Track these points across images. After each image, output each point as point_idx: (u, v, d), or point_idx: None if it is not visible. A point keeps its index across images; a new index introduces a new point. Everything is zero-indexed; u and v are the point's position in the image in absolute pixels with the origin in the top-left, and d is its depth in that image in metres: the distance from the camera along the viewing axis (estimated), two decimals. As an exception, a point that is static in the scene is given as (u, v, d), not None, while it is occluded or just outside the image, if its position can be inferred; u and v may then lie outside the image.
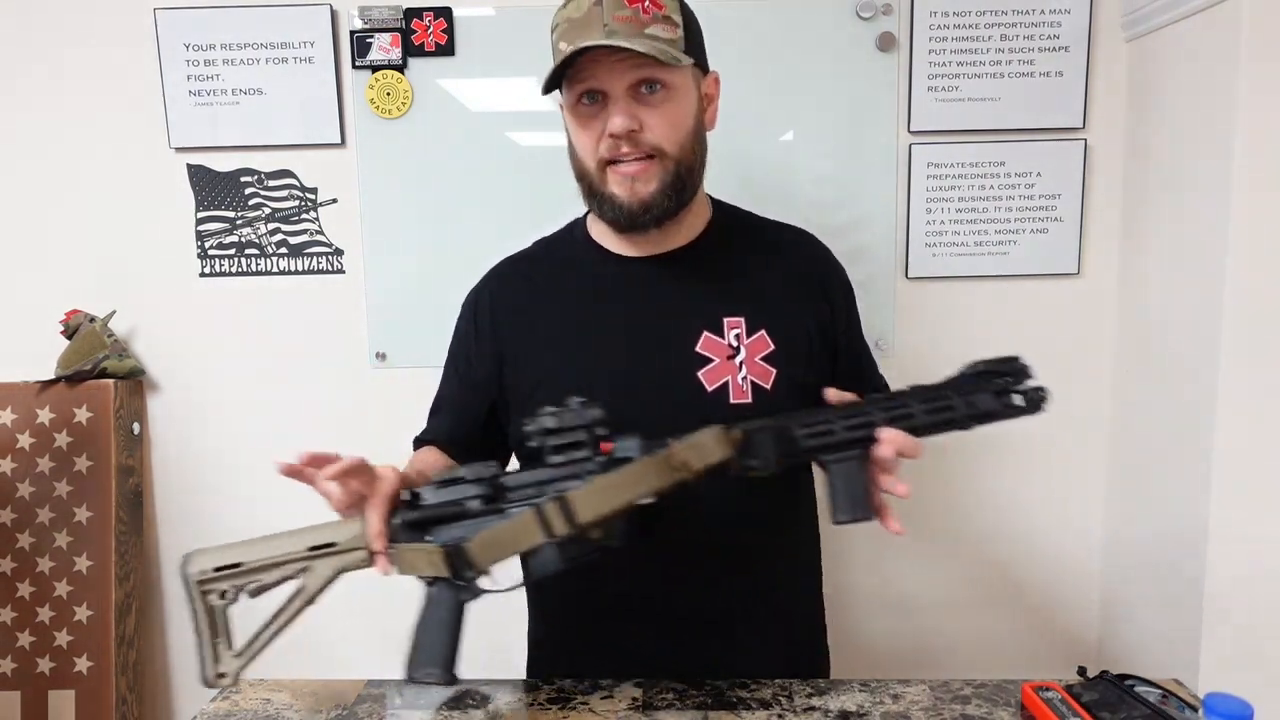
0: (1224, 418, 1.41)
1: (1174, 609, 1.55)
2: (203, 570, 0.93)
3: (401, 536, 0.95)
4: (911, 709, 0.99)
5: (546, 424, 0.94)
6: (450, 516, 0.95)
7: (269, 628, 0.94)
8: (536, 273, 1.16)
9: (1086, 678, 0.99)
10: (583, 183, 1.06)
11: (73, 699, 1.75)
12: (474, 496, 0.95)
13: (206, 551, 0.94)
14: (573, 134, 1.05)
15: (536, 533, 0.91)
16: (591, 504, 0.90)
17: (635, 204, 1.01)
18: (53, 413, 1.75)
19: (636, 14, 0.97)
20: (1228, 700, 0.78)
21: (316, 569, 0.93)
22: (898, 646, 1.87)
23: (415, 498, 0.97)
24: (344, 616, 1.85)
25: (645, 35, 0.97)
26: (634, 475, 0.90)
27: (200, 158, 1.75)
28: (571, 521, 0.90)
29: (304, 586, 0.94)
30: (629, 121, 0.98)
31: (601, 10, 0.97)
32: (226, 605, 0.94)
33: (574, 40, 0.98)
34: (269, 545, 0.94)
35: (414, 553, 0.94)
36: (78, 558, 1.75)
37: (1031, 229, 1.73)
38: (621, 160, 1.01)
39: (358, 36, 1.69)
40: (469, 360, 1.16)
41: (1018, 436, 1.80)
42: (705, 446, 0.91)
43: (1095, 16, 1.66)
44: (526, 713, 1.02)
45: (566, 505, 0.90)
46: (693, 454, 0.90)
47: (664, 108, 1.00)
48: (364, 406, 1.80)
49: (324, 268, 1.78)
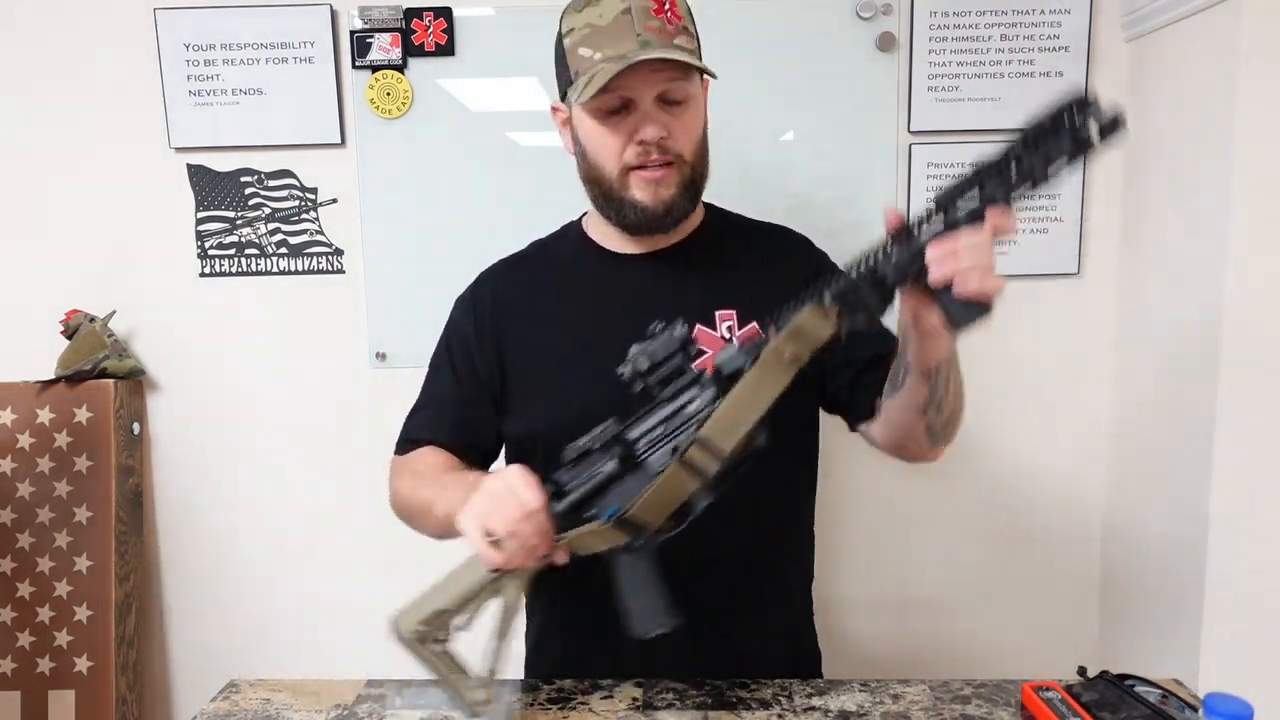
0: (1224, 418, 1.41)
1: (1174, 609, 1.55)
2: (414, 628, 0.95)
3: (563, 524, 0.95)
4: (911, 709, 0.99)
5: (640, 365, 0.92)
6: (596, 490, 0.95)
7: (495, 647, 0.96)
8: (535, 271, 1.18)
9: (1086, 678, 0.99)
10: (597, 186, 1.07)
11: (73, 699, 1.75)
12: (608, 461, 0.94)
13: (407, 610, 0.96)
14: (594, 138, 1.05)
15: (689, 480, 0.90)
16: (727, 432, 0.88)
17: (659, 207, 1.04)
18: (53, 413, 1.75)
19: (663, 25, 1.00)
20: (1228, 700, 0.78)
21: (507, 584, 0.95)
22: (897, 646, 1.87)
23: (556, 486, 0.96)
24: (344, 616, 1.86)
25: (675, 46, 1.00)
26: (755, 385, 0.88)
27: (200, 158, 1.75)
28: (718, 456, 0.89)
29: (504, 602, 0.95)
30: (660, 129, 1.01)
31: (632, 20, 0.99)
32: (445, 646, 0.96)
33: (602, 47, 0.99)
34: (456, 582, 0.96)
35: (586, 535, 0.94)
36: (78, 558, 1.75)
37: (1031, 229, 1.73)
38: (647, 166, 1.03)
39: (358, 36, 1.69)
40: (470, 356, 1.15)
41: (1018, 436, 1.81)
42: (809, 330, 0.87)
43: (1095, 16, 1.66)
44: (526, 713, 1.02)
45: (708, 444, 0.89)
46: (800, 343, 0.88)
47: (684, 116, 1.04)
48: (364, 406, 1.80)
49: (324, 268, 1.78)
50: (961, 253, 0.81)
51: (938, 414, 0.98)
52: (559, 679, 1.08)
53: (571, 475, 0.96)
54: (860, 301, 0.87)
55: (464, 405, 1.16)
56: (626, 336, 1.07)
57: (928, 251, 0.82)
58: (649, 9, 0.99)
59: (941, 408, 0.98)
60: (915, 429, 1.01)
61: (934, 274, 0.81)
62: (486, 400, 1.15)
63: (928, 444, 1.03)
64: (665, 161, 1.03)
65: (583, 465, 0.96)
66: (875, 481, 1.81)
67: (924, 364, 0.92)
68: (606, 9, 1.00)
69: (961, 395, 1.01)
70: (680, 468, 0.89)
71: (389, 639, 0.96)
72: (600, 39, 0.99)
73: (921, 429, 1.00)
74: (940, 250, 0.81)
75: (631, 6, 0.99)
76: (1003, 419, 1.80)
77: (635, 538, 0.93)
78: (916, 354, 0.91)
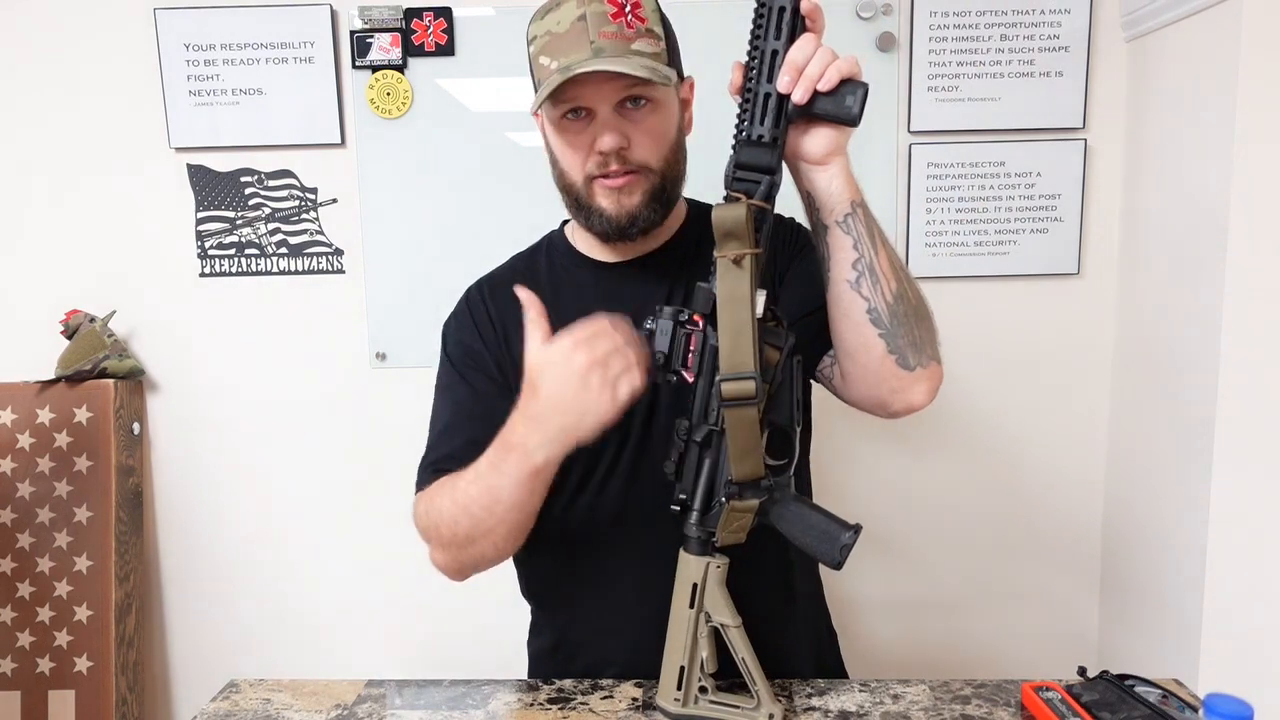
0: (1224, 418, 1.41)
1: (1174, 609, 1.55)
2: (674, 700, 0.95)
3: (710, 519, 0.94)
4: (911, 709, 0.99)
5: (659, 362, 0.92)
6: (710, 482, 0.94)
7: (742, 659, 0.95)
8: (526, 284, 1.16)
9: (1086, 678, 0.99)
10: (568, 195, 1.07)
11: (73, 699, 1.75)
12: (702, 453, 0.94)
13: (659, 690, 0.97)
14: (557, 150, 1.05)
15: (745, 413, 0.87)
16: (734, 351, 0.87)
17: (623, 216, 1.03)
18: (53, 413, 1.75)
19: (621, 29, 0.97)
20: (1228, 700, 0.78)
21: (711, 606, 0.95)
22: (897, 646, 1.87)
23: (682, 503, 0.96)
24: (344, 617, 1.86)
25: (632, 51, 0.97)
26: (728, 299, 0.87)
27: (200, 158, 1.75)
28: (747, 375, 0.86)
29: (721, 623, 0.94)
30: (618, 140, 0.99)
31: (587, 26, 0.96)
32: (711, 694, 0.96)
33: (558, 56, 0.97)
34: (676, 641, 0.95)
35: (730, 523, 0.92)
36: (78, 558, 1.75)
37: (1031, 229, 1.73)
38: (609, 175, 1.01)
39: (358, 36, 1.69)
40: (483, 367, 1.11)
41: (1018, 436, 1.81)
42: (727, 222, 0.86)
43: (1095, 16, 1.66)
44: (526, 713, 1.02)
45: (729, 375, 0.87)
46: (732, 240, 0.87)
47: (648, 122, 1.01)
48: (364, 406, 1.80)
49: (324, 268, 1.78)
50: (799, 62, 0.85)
51: (874, 284, 0.92)
52: (559, 679, 1.08)
53: (681, 488, 0.95)
54: (752, 167, 0.89)
55: (488, 419, 1.06)
56: None
57: (778, 83, 0.86)
58: (607, 14, 0.97)
59: (875, 272, 0.92)
60: (860, 327, 0.94)
61: (797, 94, 0.85)
62: (509, 405, 1.11)
63: (892, 363, 0.94)
64: (627, 170, 1.01)
65: (685, 470, 0.95)
66: (875, 483, 1.81)
67: (828, 202, 0.91)
68: (564, 16, 0.98)
69: (909, 282, 0.95)
70: (730, 410, 0.88)
71: (388, 639, 0.96)
72: (556, 47, 0.98)
73: (866, 324, 0.93)
74: (786, 74, 0.85)
75: (586, 13, 0.97)
76: (1002, 419, 1.80)
77: (758, 491, 0.91)
78: (821, 196, 0.91)
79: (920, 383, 0.96)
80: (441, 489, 1.01)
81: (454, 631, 1.82)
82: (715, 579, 0.93)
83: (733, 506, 0.92)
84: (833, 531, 0.91)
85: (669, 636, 0.96)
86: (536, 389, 0.91)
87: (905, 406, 0.98)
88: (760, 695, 0.94)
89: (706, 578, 0.93)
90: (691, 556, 0.94)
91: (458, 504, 0.97)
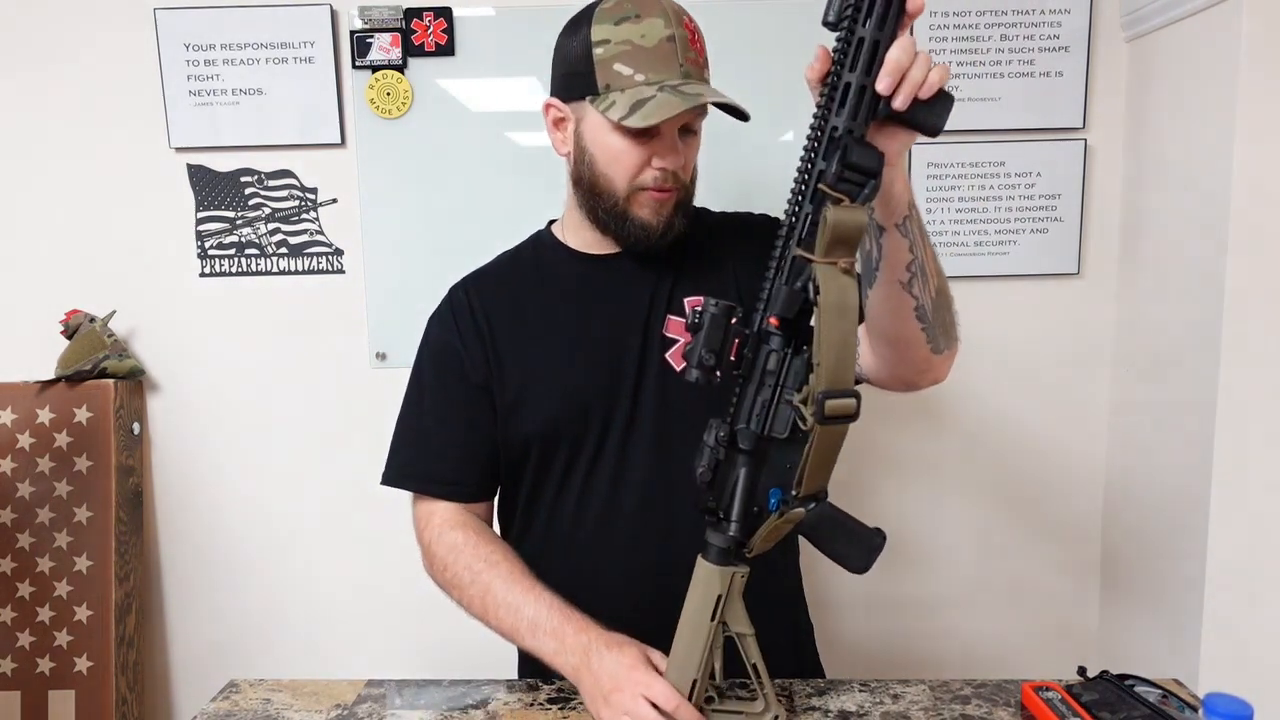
0: (1224, 418, 1.41)
1: (1174, 609, 1.55)
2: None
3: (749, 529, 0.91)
4: (911, 709, 0.99)
5: (707, 361, 0.85)
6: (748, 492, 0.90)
7: (753, 665, 0.94)
8: (512, 279, 1.18)
9: (1086, 678, 0.99)
10: (598, 198, 1.06)
11: (73, 699, 1.75)
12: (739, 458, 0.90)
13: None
14: (606, 154, 1.04)
15: (837, 431, 0.83)
16: (838, 366, 0.81)
17: (661, 227, 1.06)
18: (53, 413, 1.75)
19: (697, 56, 1.02)
20: (1228, 700, 0.78)
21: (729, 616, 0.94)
22: (897, 646, 1.87)
23: (716, 515, 0.92)
24: (344, 617, 1.86)
25: (705, 80, 1.03)
26: (837, 309, 0.80)
27: (200, 158, 1.75)
28: (850, 394, 0.81)
29: (736, 632, 0.94)
30: (681, 161, 1.05)
31: (675, 49, 0.99)
32: (719, 701, 0.96)
33: (644, 70, 0.98)
34: (688, 651, 0.93)
35: (769, 535, 0.90)
36: (78, 558, 1.75)
37: (1031, 229, 1.73)
38: (661, 189, 1.05)
39: (358, 36, 1.69)
40: (461, 371, 1.13)
41: (1018, 435, 1.81)
42: (845, 223, 0.80)
43: (1095, 16, 1.66)
44: (526, 713, 1.02)
45: (832, 392, 0.80)
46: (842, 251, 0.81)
47: (693, 144, 1.07)
48: (364, 406, 1.80)
49: (324, 268, 1.78)
50: (903, 63, 0.79)
51: (924, 284, 0.92)
52: (559, 679, 1.08)
53: (713, 495, 0.91)
54: (861, 169, 0.82)
55: (467, 425, 1.13)
56: (610, 331, 1.10)
57: (879, 84, 0.80)
58: (687, 39, 1.01)
59: (925, 273, 0.92)
60: (907, 323, 0.95)
61: (898, 100, 0.80)
62: (487, 410, 1.12)
63: (927, 350, 0.97)
64: (673, 187, 1.06)
65: (720, 477, 0.90)
66: (874, 482, 1.81)
67: (893, 208, 0.88)
68: (650, 31, 0.99)
69: (942, 273, 0.96)
70: (825, 427, 0.81)
71: (389, 639, 0.96)
72: (642, 61, 0.99)
73: (912, 320, 0.94)
74: (889, 75, 0.79)
75: (675, 35, 0.99)
76: (1003, 418, 1.80)
77: (808, 501, 0.87)
78: (882, 197, 0.87)
79: (946, 362, 1.03)
80: (472, 570, 1.08)
81: (454, 631, 1.81)
82: (737, 589, 0.92)
83: (787, 517, 0.88)
84: (865, 537, 0.91)
85: (680, 648, 0.93)
86: (592, 673, 0.96)
87: (930, 383, 1.05)
88: (767, 698, 0.93)
89: (731, 588, 0.91)
90: (714, 566, 0.90)
91: (476, 599, 1.08)
